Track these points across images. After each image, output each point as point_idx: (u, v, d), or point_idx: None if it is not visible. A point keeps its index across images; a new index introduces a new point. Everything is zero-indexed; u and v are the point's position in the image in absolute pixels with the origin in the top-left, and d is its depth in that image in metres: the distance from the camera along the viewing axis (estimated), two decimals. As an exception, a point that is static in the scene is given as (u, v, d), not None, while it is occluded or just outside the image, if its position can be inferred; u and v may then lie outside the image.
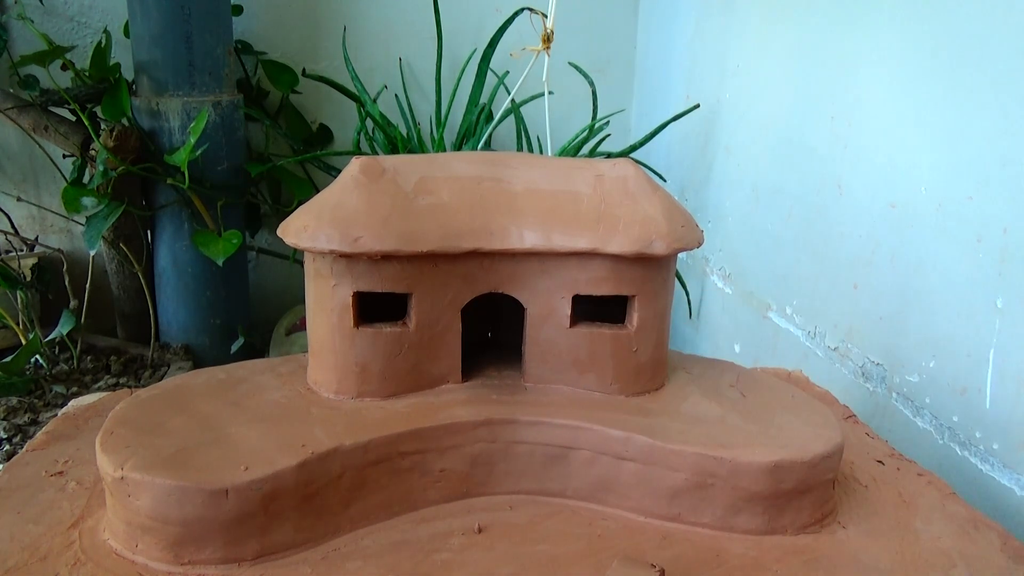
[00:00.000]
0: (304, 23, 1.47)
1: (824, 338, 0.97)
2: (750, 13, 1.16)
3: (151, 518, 0.50)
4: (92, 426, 0.68)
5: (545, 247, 0.59)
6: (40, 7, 1.32)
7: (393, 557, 0.52)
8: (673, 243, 0.59)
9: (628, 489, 0.58)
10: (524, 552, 0.53)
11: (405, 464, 0.57)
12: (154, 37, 1.20)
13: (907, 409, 0.82)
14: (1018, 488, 0.68)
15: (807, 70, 1.01)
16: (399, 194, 0.59)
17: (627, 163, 0.63)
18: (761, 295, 1.14)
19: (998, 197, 0.70)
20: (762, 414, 0.61)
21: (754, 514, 0.56)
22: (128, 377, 1.18)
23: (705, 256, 1.34)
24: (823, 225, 0.97)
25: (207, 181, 1.24)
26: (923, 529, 0.58)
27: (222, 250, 1.19)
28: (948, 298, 0.76)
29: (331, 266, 0.58)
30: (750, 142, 1.17)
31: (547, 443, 0.59)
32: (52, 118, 1.20)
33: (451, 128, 1.46)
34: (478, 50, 1.33)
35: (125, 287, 1.29)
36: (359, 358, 0.60)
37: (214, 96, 1.24)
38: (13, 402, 1.04)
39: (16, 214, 1.34)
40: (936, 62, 0.78)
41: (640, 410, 0.61)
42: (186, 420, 0.56)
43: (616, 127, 1.52)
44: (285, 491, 0.51)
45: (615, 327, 0.62)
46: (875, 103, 0.87)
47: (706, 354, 0.86)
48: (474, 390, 0.62)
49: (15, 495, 0.57)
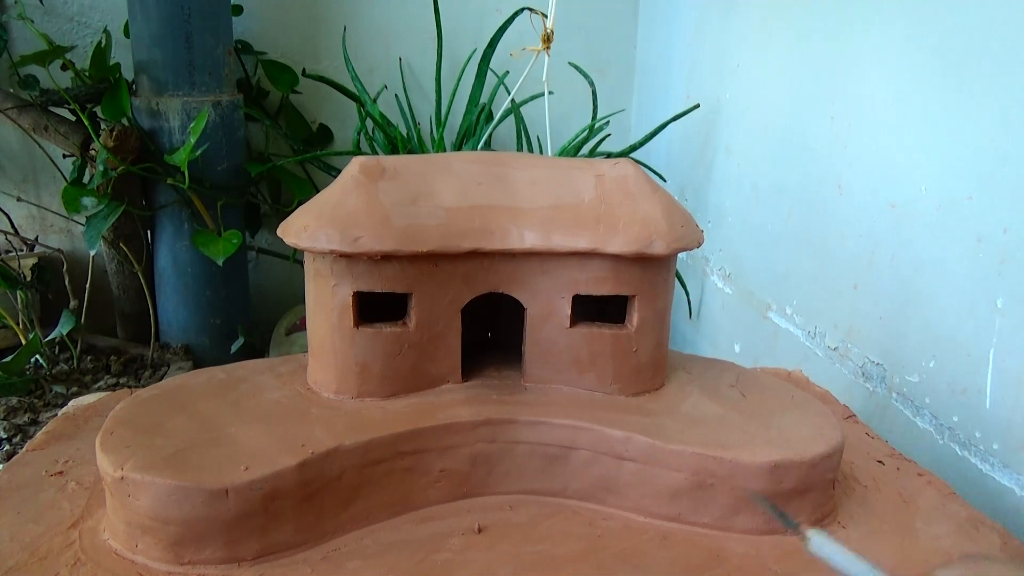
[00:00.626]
0: (304, 23, 1.47)
1: (824, 338, 0.97)
2: (750, 13, 1.16)
3: (151, 518, 0.50)
4: (92, 426, 0.68)
5: (545, 247, 0.59)
6: (40, 7, 1.32)
7: (393, 557, 0.52)
8: (673, 243, 0.59)
9: (628, 489, 0.58)
10: (524, 552, 0.53)
11: (405, 464, 0.57)
12: (154, 37, 1.20)
13: (907, 409, 0.82)
14: (1018, 488, 0.68)
15: (807, 70, 1.01)
16: (399, 194, 0.59)
17: (627, 163, 0.63)
18: (761, 295, 1.14)
19: (998, 197, 0.70)
20: (762, 414, 0.61)
21: (754, 514, 0.56)
22: (128, 377, 1.18)
23: (705, 256, 1.34)
24: (823, 225, 0.97)
25: (207, 181, 1.24)
26: (923, 529, 0.58)
27: (222, 250, 1.19)
28: (948, 298, 0.76)
29: (331, 266, 0.58)
30: (750, 142, 1.17)
31: (547, 443, 0.59)
32: (52, 118, 1.20)
33: (451, 128, 1.46)
34: (478, 50, 1.33)
35: (125, 287, 1.29)
36: (359, 358, 0.60)
37: (214, 96, 1.24)
38: (13, 402, 1.04)
39: (16, 214, 1.34)
40: (936, 62, 0.78)
41: (640, 410, 0.61)
42: (186, 420, 0.56)
43: (616, 127, 1.52)
44: (285, 491, 0.51)
45: (615, 327, 0.62)
46: (875, 103, 0.87)
47: (706, 354, 0.86)
48: (474, 390, 0.62)
49: (15, 495, 0.57)
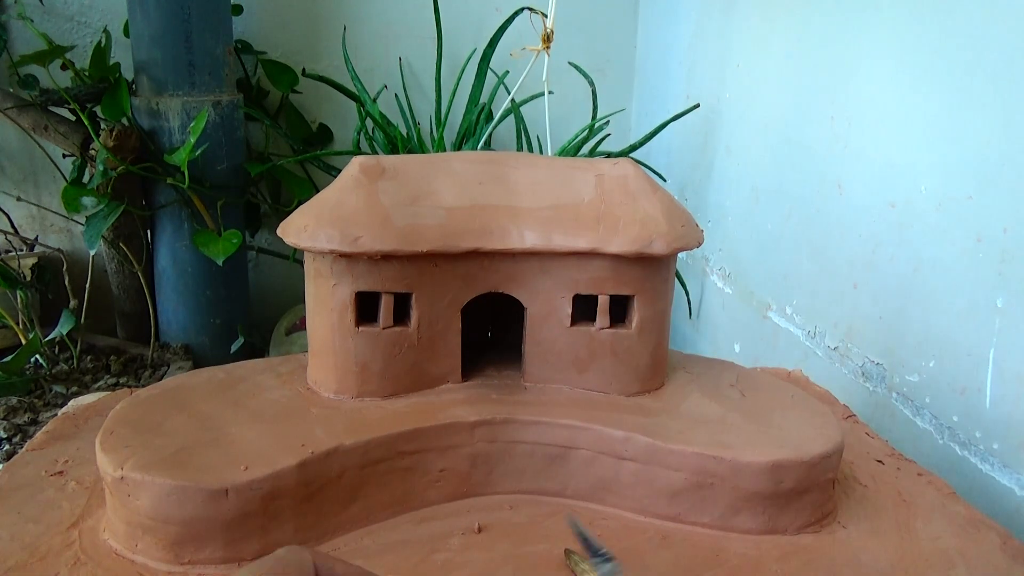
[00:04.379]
0: (304, 23, 1.47)
1: (824, 338, 0.97)
2: (750, 13, 1.16)
3: (151, 518, 0.50)
4: (92, 426, 0.68)
5: (545, 247, 0.59)
6: (40, 7, 1.32)
7: (393, 557, 0.52)
8: (673, 243, 0.59)
9: (628, 489, 0.58)
10: (524, 552, 0.53)
11: (405, 464, 0.57)
12: (154, 37, 1.20)
13: (907, 409, 0.82)
14: (1018, 488, 0.68)
15: (807, 70, 1.01)
16: (399, 194, 0.59)
17: (627, 163, 0.63)
18: (761, 295, 1.13)
19: (998, 197, 0.70)
20: (762, 414, 0.61)
21: (754, 514, 0.56)
22: (128, 377, 1.18)
23: (705, 256, 1.34)
24: (823, 225, 0.97)
25: (207, 181, 1.24)
26: (923, 529, 0.58)
27: (222, 250, 1.19)
28: (948, 298, 0.76)
29: (331, 266, 0.58)
30: (750, 142, 1.17)
31: (547, 443, 0.59)
32: (52, 118, 1.20)
33: (451, 128, 1.46)
34: (478, 50, 1.33)
35: (125, 287, 1.29)
36: (359, 358, 0.60)
37: (214, 96, 1.24)
38: (13, 402, 1.04)
39: (16, 214, 1.34)
40: (936, 62, 0.78)
41: (640, 410, 0.61)
42: (186, 420, 0.56)
43: (616, 127, 1.52)
44: (285, 491, 0.51)
45: (615, 327, 0.62)
46: (875, 103, 0.87)
47: (706, 354, 0.86)
48: (474, 390, 0.62)
49: (15, 495, 0.57)
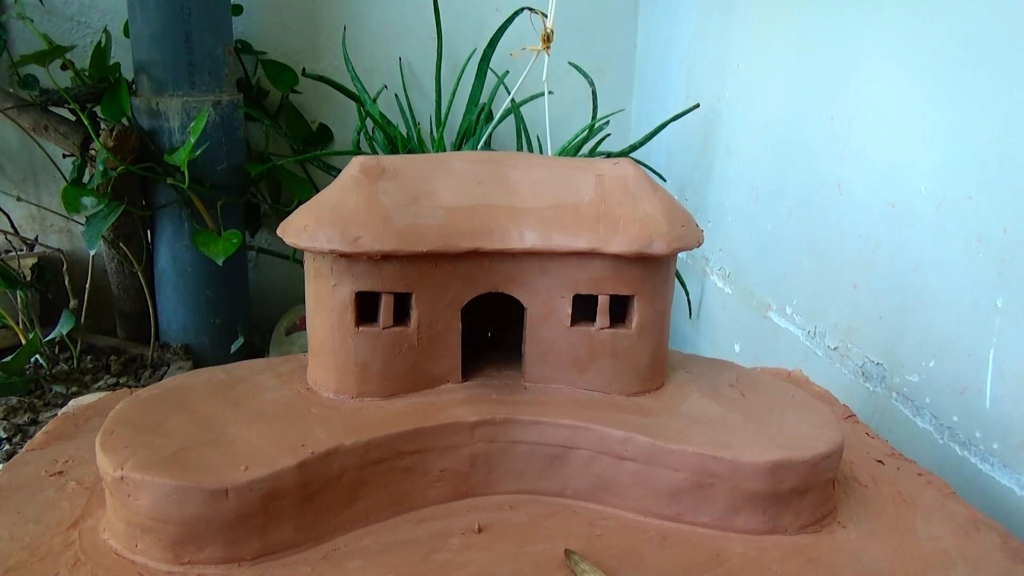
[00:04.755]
0: (304, 23, 1.47)
1: (824, 338, 0.97)
2: (750, 13, 1.16)
3: (151, 518, 0.50)
4: (92, 426, 0.68)
5: (545, 247, 0.59)
6: (40, 7, 1.32)
7: (393, 557, 0.52)
8: (673, 243, 0.59)
9: (628, 489, 0.58)
10: (524, 552, 0.53)
11: (405, 464, 0.57)
12: (154, 37, 1.20)
13: (907, 409, 0.82)
14: (1018, 488, 0.68)
15: (807, 70, 1.01)
16: (399, 194, 0.59)
17: (627, 163, 0.63)
18: (761, 295, 1.14)
19: (998, 197, 0.70)
20: (762, 414, 0.61)
21: (754, 514, 0.56)
22: (128, 377, 1.18)
23: (705, 256, 1.34)
24: (823, 225, 0.97)
25: (207, 181, 1.24)
26: (923, 529, 0.58)
27: (222, 250, 1.19)
28: (948, 298, 0.76)
29: (331, 266, 0.58)
30: (750, 142, 1.17)
31: (547, 443, 0.59)
32: (52, 118, 1.20)
33: (451, 128, 1.46)
34: (478, 50, 1.33)
35: (125, 287, 1.29)
36: (359, 358, 0.60)
37: (214, 96, 1.24)
38: (13, 402, 1.04)
39: (16, 214, 1.34)
40: (936, 62, 0.78)
41: (640, 410, 0.61)
42: (186, 420, 0.56)
43: (616, 127, 1.52)
44: (285, 491, 0.51)
45: (615, 327, 0.62)
46: (875, 103, 0.87)
47: (706, 354, 0.86)
48: (474, 390, 0.62)
49: (15, 495, 0.57)
